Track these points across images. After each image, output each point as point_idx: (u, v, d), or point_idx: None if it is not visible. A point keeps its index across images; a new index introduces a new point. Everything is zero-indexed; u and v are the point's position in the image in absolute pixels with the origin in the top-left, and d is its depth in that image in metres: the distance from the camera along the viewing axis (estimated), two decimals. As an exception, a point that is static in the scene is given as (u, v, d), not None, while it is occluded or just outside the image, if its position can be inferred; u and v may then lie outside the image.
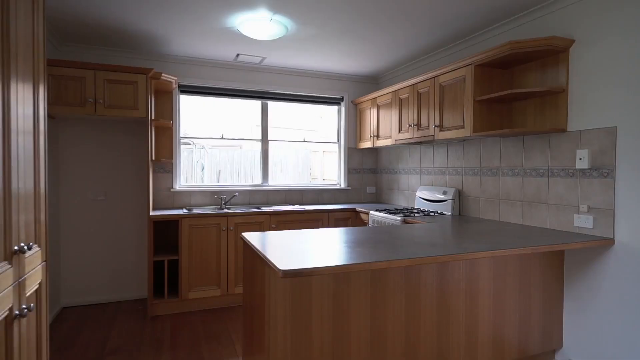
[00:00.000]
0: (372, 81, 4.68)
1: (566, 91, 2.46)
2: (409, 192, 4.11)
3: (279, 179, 4.48)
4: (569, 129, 2.45)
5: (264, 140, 4.34)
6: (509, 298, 2.31)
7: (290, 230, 3.76)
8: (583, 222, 2.34)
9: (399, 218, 3.14)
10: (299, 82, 4.36)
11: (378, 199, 4.71)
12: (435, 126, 3.17)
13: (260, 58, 3.88)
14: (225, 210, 3.64)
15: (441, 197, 3.45)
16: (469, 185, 3.28)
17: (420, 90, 3.38)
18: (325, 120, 4.71)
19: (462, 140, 3.34)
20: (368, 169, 4.73)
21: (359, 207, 3.97)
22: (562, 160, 2.49)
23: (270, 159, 4.39)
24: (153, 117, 3.51)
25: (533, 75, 2.67)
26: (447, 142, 3.51)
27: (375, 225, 3.47)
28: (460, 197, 3.37)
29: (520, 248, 1.93)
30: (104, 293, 3.69)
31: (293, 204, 4.33)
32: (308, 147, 4.72)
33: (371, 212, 3.61)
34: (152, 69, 3.24)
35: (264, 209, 3.86)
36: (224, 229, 3.51)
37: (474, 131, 2.78)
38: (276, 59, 3.93)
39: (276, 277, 1.72)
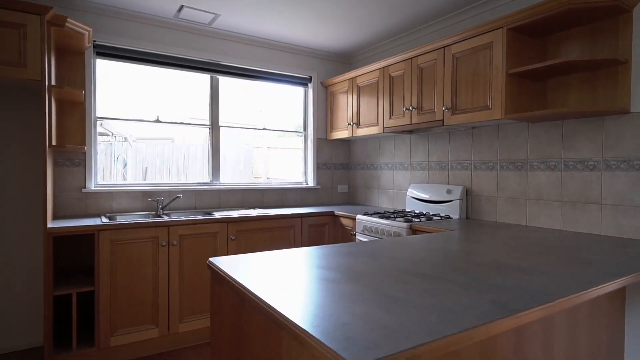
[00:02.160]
0: (344, 60, 3.95)
1: (629, 62, 1.95)
2: (393, 191, 3.45)
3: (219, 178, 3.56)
4: (632, 110, 1.95)
5: (215, 126, 3.39)
6: (580, 342, 1.72)
7: (276, 249, 2.90)
8: (660, 227, 1.84)
9: (404, 225, 2.45)
10: (259, 55, 3.48)
11: (352, 200, 4.00)
12: (446, 109, 2.53)
13: (212, 16, 2.93)
14: (165, 218, 2.64)
15: (444, 197, 2.83)
16: (481, 182, 2.70)
17: (421, 65, 2.73)
18: (267, 115, 3.82)
19: (472, 128, 2.75)
20: (339, 165, 3.99)
21: (338, 211, 3.21)
22: (624, 149, 1.98)
23: (209, 153, 3.44)
24: (53, 83, 2.40)
25: (577, 44, 2.14)
26: (449, 131, 2.91)
27: (368, 233, 2.74)
28: (467, 196, 2.78)
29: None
30: (-27, 345, 2.47)
31: (253, 207, 3.43)
32: (250, 143, 3.86)
33: (358, 216, 2.87)
34: (51, 8, 2.15)
35: (217, 214, 2.92)
36: (163, 243, 2.52)
37: (506, 113, 2.18)
38: (232, 20, 3.02)
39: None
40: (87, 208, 2.79)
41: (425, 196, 3.00)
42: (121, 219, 2.68)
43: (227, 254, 2.76)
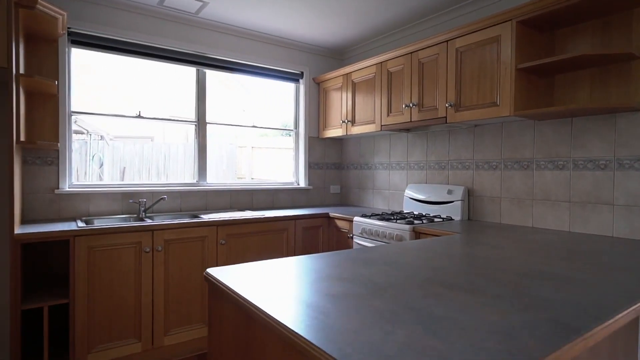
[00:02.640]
0: (337, 56, 3.81)
1: (644, 57, 1.87)
2: (389, 191, 3.32)
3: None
4: (647, 107, 1.88)
5: (201, 123, 3.18)
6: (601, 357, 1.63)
7: (269, 254, 2.75)
8: (678, 228, 1.77)
9: (406, 227, 2.32)
10: (248, 48, 3.30)
11: (345, 201, 3.85)
12: (449, 105, 2.42)
13: (199, 4, 2.74)
14: (148, 221, 2.43)
15: (445, 197, 2.72)
16: (483, 182, 2.60)
17: (422, 60, 2.61)
18: (251, 113, 3.62)
19: (474, 126, 2.65)
20: (332, 164, 3.84)
21: (332, 212, 3.06)
22: (638, 148, 1.91)
23: (195, 152, 3.24)
24: (22, 72, 2.16)
25: (588, 38, 2.06)
26: (450, 129, 2.81)
27: (367, 237, 2.60)
28: (469, 197, 2.68)
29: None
30: None
31: (243, 209, 3.24)
32: (234, 142, 3.66)
33: (356, 218, 2.73)
34: (20, -14, 1.92)
35: (205, 217, 2.73)
36: (147, 249, 2.31)
37: (515, 110, 2.08)
38: (220, 9, 2.82)
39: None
40: (60, 211, 2.55)
41: (424, 197, 2.88)
42: (99, 223, 2.45)
43: (217, 259, 2.57)
